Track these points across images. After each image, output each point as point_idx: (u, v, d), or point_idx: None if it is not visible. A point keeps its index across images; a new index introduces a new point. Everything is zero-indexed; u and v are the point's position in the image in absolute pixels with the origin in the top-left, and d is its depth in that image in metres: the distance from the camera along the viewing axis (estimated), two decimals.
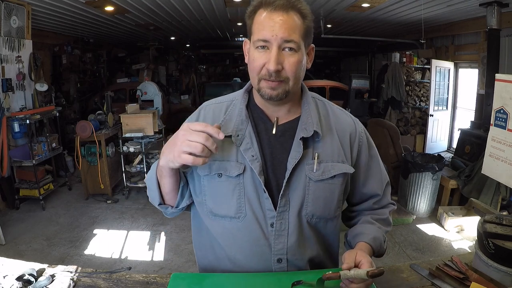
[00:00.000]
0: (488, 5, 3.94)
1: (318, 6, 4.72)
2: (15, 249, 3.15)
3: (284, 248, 0.91)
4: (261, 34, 0.82)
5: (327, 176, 0.91)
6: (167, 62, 10.34)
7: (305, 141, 0.91)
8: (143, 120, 4.24)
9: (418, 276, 0.98)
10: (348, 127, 0.97)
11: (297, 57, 0.84)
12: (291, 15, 0.82)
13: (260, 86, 0.86)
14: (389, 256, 3.06)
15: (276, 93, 0.85)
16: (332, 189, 0.93)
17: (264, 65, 0.83)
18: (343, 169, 0.92)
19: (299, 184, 0.90)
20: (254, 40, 0.85)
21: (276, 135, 0.92)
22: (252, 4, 0.87)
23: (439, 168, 3.68)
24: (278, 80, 0.84)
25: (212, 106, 0.99)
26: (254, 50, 0.85)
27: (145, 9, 4.78)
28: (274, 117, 0.93)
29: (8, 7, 3.78)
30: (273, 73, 0.82)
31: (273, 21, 0.81)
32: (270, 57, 0.82)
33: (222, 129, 0.92)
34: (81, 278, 0.97)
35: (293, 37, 0.82)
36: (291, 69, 0.84)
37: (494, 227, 0.99)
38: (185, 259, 2.99)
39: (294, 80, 0.86)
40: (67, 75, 6.85)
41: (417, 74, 6.29)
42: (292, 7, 0.82)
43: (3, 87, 3.77)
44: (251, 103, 0.97)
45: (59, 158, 4.82)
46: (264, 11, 0.83)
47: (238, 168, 0.89)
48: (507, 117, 2.32)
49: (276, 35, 0.81)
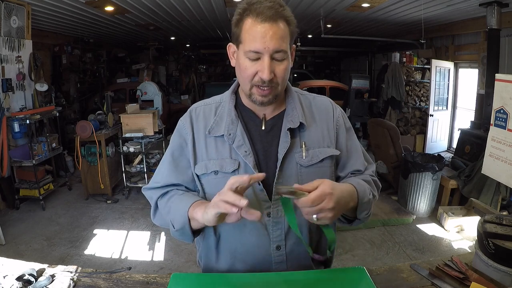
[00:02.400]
0: (488, 5, 3.94)
1: (318, 6, 4.73)
2: (15, 249, 3.15)
3: (282, 234, 0.95)
4: (253, 46, 0.86)
5: (316, 160, 0.97)
6: (167, 62, 10.34)
7: (292, 132, 0.97)
8: (143, 120, 4.24)
9: (418, 276, 0.98)
10: (329, 113, 1.04)
11: (286, 63, 0.90)
12: (279, 25, 0.86)
13: (252, 92, 0.92)
14: (389, 256, 3.06)
15: (267, 99, 0.92)
16: (323, 171, 0.98)
17: (257, 73, 0.88)
18: (329, 152, 0.99)
19: (292, 171, 0.95)
20: (245, 50, 0.88)
21: (266, 130, 0.98)
22: (238, 12, 0.89)
23: (439, 168, 3.68)
24: (270, 87, 0.89)
25: (202, 108, 1.04)
26: (245, 58, 0.89)
27: (145, 9, 4.78)
28: (261, 114, 0.99)
29: (8, 7, 3.79)
30: (267, 81, 0.87)
31: (263, 33, 0.84)
32: (263, 67, 0.86)
33: (214, 129, 0.97)
34: (81, 278, 0.97)
35: (282, 46, 0.86)
36: (281, 75, 0.89)
37: (494, 227, 0.99)
38: (185, 259, 2.99)
39: (282, 84, 0.92)
40: (67, 75, 6.85)
41: (417, 74, 6.29)
42: (280, 16, 0.86)
43: (3, 87, 3.77)
44: (238, 103, 1.01)
45: (59, 158, 4.83)
46: (252, 20, 0.86)
47: (233, 165, 0.94)
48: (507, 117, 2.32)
49: (268, 47, 0.85)
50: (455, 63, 5.86)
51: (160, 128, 4.66)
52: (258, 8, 0.85)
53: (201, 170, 0.96)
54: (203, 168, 0.96)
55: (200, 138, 0.99)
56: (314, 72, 11.86)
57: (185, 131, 1.01)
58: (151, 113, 4.33)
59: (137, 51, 9.53)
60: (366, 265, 1.00)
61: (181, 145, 1.01)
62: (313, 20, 5.75)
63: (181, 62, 10.58)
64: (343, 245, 3.20)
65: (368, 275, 0.94)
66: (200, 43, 9.77)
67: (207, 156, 0.97)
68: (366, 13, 5.05)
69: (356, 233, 3.43)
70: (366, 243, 3.27)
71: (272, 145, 0.97)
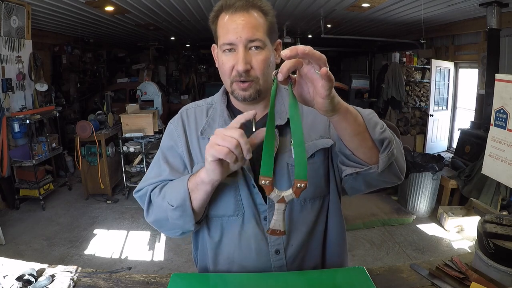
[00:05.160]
0: (488, 5, 3.94)
1: (318, 6, 4.72)
2: (15, 249, 3.15)
3: (280, 238, 0.92)
4: (226, 37, 0.84)
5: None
6: (167, 62, 10.34)
7: (282, 130, 0.92)
8: (143, 120, 4.24)
9: (418, 276, 0.98)
10: None
11: (264, 54, 0.85)
12: (252, 14, 0.84)
13: (233, 88, 0.88)
14: (389, 256, 3.06)
15: (248, 93, 0.87)
16: (315, 168, 0.93)
17: (234, 67, 0.85)
18: (320, 145, 0.93)
19: (283, 172, 0.91)
20: (220, 44, 0.86)
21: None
22: (214, 10, 0.88)
23: (439, 168, 3.68)
24: (248, 80, 0.85)
25: (193, 110, 1.02)
26: (221, 54, 0.87)
27: (145, 9, 4.78)
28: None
29: (8, 7, 3.79)
30: (243, 73, 0.84)
31: (235, 23, 0.82)
32: (238, 58, 0.83)
33: (207, 131, 0.94)
34: (81, 278, 0.97)
35: (257, 35, 0.83)
36: (259, 67, 0.85)
37: (494, 227, 0.99)
38: (185, 259, 2.99)
39: (263, 78, 0.87)
40: (67, 75, 6.85)
41: (417, 74, 6.29)
42: (252, 6, 0.84)
43: (3, 87, 3.77)
44: (230, 104, 0.99)
45: (59, 158, 4.83)
46: (226, 14, 0.85)
47: None
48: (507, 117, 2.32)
49: (240, 36, 0.82)
50: (455, 63, 5.86)
51: (160, 128, 4.66)
52: (230, 2, 0.84)
53: None
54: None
55: (193, 141, 0.96)
56: None
57: (176, 134, 0.98)
58: (151, 113, 4.33)
59: (137, 51, 9.52)
60: (366, 265, 0.99)
61: (172, 146, 0.98)
62: (313, 20, 5.75)
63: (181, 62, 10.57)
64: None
65: (368, 275, 0.94)
66: (200, 43, 9.76)
67: (202, 158, 0.94)
68: (366, 13, 5.05)
69: (356, 233, 3.43)
70: (366, 243, 3.27)
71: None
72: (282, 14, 5.09)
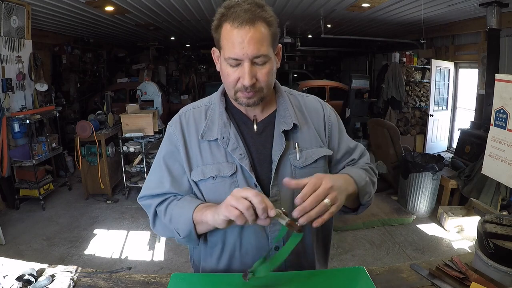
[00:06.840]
0: (488, 5, 3.94)
1: (318, 6, 4.72)
2: (15, 249, 3.15)
3: (280, 235, 0.93)
4: (232, 52, 0.84)
5: (310, 161, 0.97)
6: (167, 62, 10.35)
7: (286, 133, 0.96)
8: (143, 120, 4.24)
9: (418, 276, 0.98)
10: (319, 113, 1.04)
11: (269, 67, 0.88)
12: (258, 27, 0.83)
13: (237, 96, 0.91)
14: (389, 256, 3.06)
15: (252, 101, 0.90)
16: (317, 172, 0.95)
17: (239, 79, 0.87)
18: (323, 152, 0.99)
19: (286, 173, 0.94)
20: (225, 57, 0.87)
21: (258, 132, 0.97)
22: (216, 17, 0.87)
23: (439, 168, 3.68)
24: (253, 91, 0.88)
25: (191, 112, 1.02)
26: (226, 65, 0.88)
27: (145, 9, 4.78)
28: (252, 115, 0.98)
29: (8, 7, 3.79)
30: (249, 86, 0.86)
31: (241, 38, 0.82)
32: (244, 73, 0.85)
33: (207, 134, 0.95)
34: (81, 278, 0.97)
35: (262, 51, 0.84)
36: (264, 79, 0.88)
37: (494, 227, 0.99)
38: (185, 259, 2.99)
39: (267, 87, 0.91)
40: (67, 75, 6.85)
41: (417, 74, 6.29)
42: (258, 18, 0.83)
43: (3, 87, 3.77)
44: (229, 105, 1.00)
45: (59, 158, 4.82)
46: (230, 25, 0.83)
47: (230, 168, 0.93)
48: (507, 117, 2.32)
49: (246, 53, 0.83)
50: (455, 63, 5.86)
51: (160, 128, 4.66)
52: (235, 12, 0.82)
53: (198, 176, 0.94)
54: (199, 174, 0.94)
55: (192, 144, 0.97)
56: (314, 72, 11.87)
57: (175, 138, 0.98)
58: (151, 113, 4.33)
59: (137, 51, 9.53)
60: (366, 265, 1.00)
61: (173, 152, 0.98)
62: (313, 20, 5.75)
63: (181, 62, 10.58)
64: (343, 245, 3.20)
65: (368, 275, 0.94)
66: (200, 43, 9.77)
67: (202, 162, 0.95)
68: (366, 13, 5.05)
69: (356, 233, 3.43)
70: (366, 243, 3.27)
71: (265, 147, 0.96)
72: (282, 14, 5.09)
